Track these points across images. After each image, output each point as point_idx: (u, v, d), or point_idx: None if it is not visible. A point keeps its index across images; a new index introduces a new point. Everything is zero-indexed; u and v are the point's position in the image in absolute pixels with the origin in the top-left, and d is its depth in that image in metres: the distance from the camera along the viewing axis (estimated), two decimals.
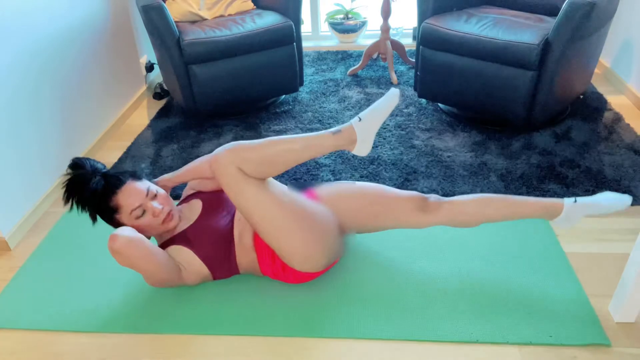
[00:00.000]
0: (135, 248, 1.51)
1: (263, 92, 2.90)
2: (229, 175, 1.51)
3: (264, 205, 1.53)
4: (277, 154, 1.53)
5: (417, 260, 1.86)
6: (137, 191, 1.64)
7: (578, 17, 2.24)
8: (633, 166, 2.31)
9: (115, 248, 1.49)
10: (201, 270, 1.70)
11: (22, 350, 1.61)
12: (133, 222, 1.65)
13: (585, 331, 1.55)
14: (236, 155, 1.50)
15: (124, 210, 1.63)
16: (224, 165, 1.50)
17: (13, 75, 2.08)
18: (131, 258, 1.52)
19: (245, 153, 1.51)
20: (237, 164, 1.50)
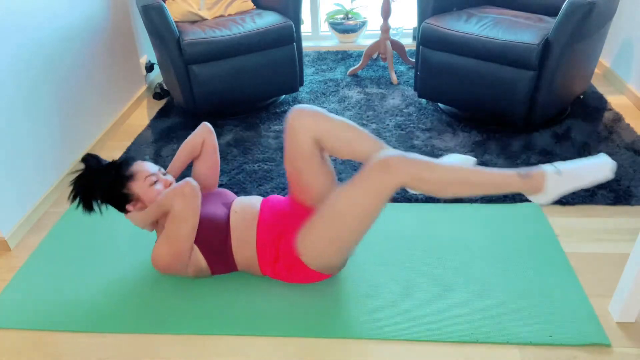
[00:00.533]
0: (198, 198, 1.62)
1: (263, 92, 2.90)
2: (388, 184, 1.43)
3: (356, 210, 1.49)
4: (454, 183, 1.43)
5: (417, 260, 1.86)
6: (149, 164, 1.76)
7: (578, 17, 2.24)
8: (633, 166, 2.31)
9: (186, 190, 1.59)
10: (199, 261, 1.71)
11: (22, 350, 1.61)
12: (147, 190, 1.70)
13: (585, 331, 1.55)
14: (412, 171, 1.41)
15: (140, 176, 1.70)
16: (395, 174, 1.41)
17: (13, 75, 2.08)
18: (193, 203, 1.60)
19: (422, 172, 1.41)
20: (409, 179, 1.42)
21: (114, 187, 1.69)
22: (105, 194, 1.69)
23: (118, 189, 1.69)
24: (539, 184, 1.44)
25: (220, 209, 1.77)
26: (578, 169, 1.45)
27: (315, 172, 1.67)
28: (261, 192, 2.28)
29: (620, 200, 2.10)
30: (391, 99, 3.05)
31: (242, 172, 2.42)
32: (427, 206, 2.14)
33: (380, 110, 2.93)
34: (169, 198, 1.62)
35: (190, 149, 1.90)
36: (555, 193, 1.46)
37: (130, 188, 1.70)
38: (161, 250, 1.66)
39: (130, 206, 1.72)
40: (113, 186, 1.69)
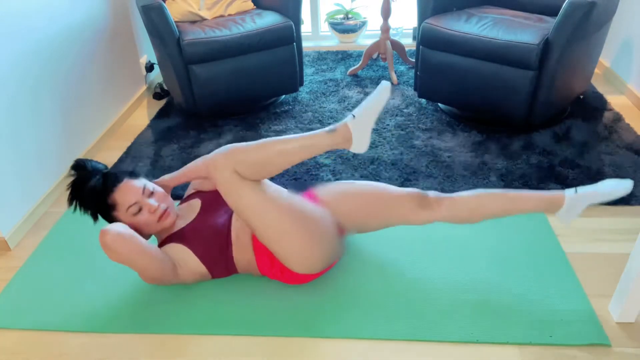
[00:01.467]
0: (125, 243, 1.52)
1: (263, 92, 2.90)
2: (225, 180, 1.51)
3: (261, 209, 1.53)
4: (272, 156, 1.52)
5: (417, 260, 1.86)
6: (133, 189, 1.68)
7: (578, 17, 2.24)
8: (633, 166, 2.31)
9: (105, 242, 1.50)
10: (198, 268, 1.70)
11: (23, 350, 1.61)
12: (131, 220, 1.68)
13: (585, 331, 1.55)
14: (231, 158, 1.50)
15: (121, 207, 1.66)
16: (220, 169, 1.50)
17: (13, 75, 2.08)
18: (121, 253, 1.52)
19: (240, 156, 1.50)
20: (233, 167, 1.50)
21: (101, 213, 1.70)
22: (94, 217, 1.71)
23: (104, 215, 1.70)
24: (347, 134, 1.54)
25: (221, 217, 1.76)
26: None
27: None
28: None
29: (620, 200, 2.10)
30: (391, 99, 3.05)
31: None
32: None
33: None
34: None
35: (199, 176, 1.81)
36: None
37: (115, 217, 1.69)
38: (142, 273, 1.62)
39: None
40: (99, 212, 1.70)
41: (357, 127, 1.55)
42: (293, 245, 1.57)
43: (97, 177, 1.67)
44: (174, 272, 1.66)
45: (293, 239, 1.56)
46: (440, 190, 2.22)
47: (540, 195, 1.65)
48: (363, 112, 1.55)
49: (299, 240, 1.57)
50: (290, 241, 1.56)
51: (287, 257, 1.60)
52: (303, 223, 1.57)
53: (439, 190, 2.21)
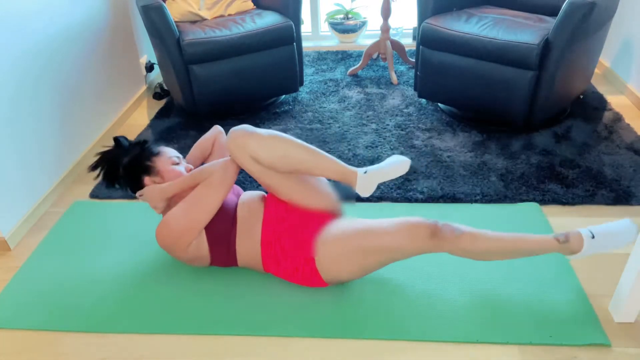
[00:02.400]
0: (235, 177, 1.71)
1: (263, 92, 2.90)
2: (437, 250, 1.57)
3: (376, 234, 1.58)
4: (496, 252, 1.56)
5: (417, 260, 1.86)
6: (174, 150, 1.86)
7: (578, 17, 2.24)
8: (633, 166, 2.31)
9: (230, 167, 1.67)
10: (201, 245, 1.71)
11: (22, 350, 1.61)
12: (168, 167, 1.78)
13: (585, 331, 1.55)
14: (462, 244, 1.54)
15: (165, 155, 1.80)
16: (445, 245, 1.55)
17: (13, 75, 2.08)
18: (229, 180, 1.68)
19: (467, 244, 1.54)
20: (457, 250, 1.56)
21: (139, 158, 1.78)
22: (129, 163, 1.78)
23: (142, 161, 1.78)
24: (577, 247, 1.55)
25: (230, 197, 1.80)
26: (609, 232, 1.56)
27: (282, 183, 1.69)
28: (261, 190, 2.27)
29: (620, 200, 2.10)
30: (391, 99, 3.05)
31: (242, 172, 2.42)
32: (427, 206, 2.14)
33: (380, 110, 2.93)
34: (211, 168, 1.68)
35: (202, 150, 1.97)
36: (589, 253, 1.56)
37: (154, 162, 1.78)
38: (178, 217, 1.66)
39: (148, 179, 1.78)
40: (138, 157, 1.78)
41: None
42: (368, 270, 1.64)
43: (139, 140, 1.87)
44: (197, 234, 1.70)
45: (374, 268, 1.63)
46: (440, 189, 2.22)
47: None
48: (604, 236, 1.54)
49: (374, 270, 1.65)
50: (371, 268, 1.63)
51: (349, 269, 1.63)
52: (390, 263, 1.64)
53: (438, 190, 2.21)
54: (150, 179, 1.78)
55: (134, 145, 1.84)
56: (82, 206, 2.26)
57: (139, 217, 2.17)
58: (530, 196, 2.15)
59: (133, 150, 1.82)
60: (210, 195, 1.66)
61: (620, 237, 1.54)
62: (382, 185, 2.26)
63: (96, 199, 2.33)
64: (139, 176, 1.78)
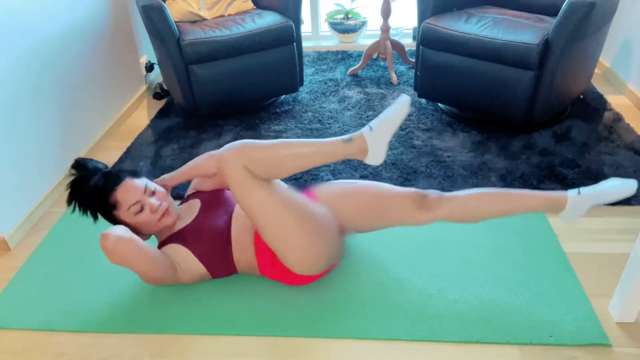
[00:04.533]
0: (125, 246, 1.52)
1: (263, 92, 2.90)
2: (236, 174, 1.50)
3: (268, 207, 1.53)
4: (286, 157, 1.51)
5: (417, 260, 1.86)
6: (135, 188, 1.67)
7: (578, 17, 2.24)
8: (633, 166, 2.31)
9: (106, 246, 1.51)
10: (197, 268, 1.70)
11: (22, 350, 1.61)
12: (132, 219, 1.68)
13: (585, 331, 1.55)
14: (245, 154, 1.49)
15: (122, 206, 1.66)
16: (232, 163, 1.49)
17: (13, 75, 2.08)
18: (122, 256, 1.53)
19: (253, 153, 1.49)
20: (245, 163, 1.48)
21: (102, 212, 1.70)
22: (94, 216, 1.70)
23: (104, 215, 1.70)
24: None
25: (221, 218, 1.75)
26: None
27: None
28: None
29: (620, 200, 2.10)
30: (391, 99, 3.05)
31: None
32: None
33: (380, 110, 2.93)
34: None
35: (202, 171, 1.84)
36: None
37: (116, 216, 1.69)
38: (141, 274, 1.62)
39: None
40: (100, 211, 1.69)
41: (374, 139, 1.52)
42: (296, 245, 1.57)
43: (98, 176, 1.67)
44: (174, 273, 1.66)
45: (297, 240, 1.56)
46: (440, 189, 2.22)
47: (542, 195, 1.64)
48: (381, 124, 1.52)
49: (303, 241, 1.56)
50: (293, 242, 1.56)
51: (290, 258, 1.59)
52: (308, 224, 1.57)
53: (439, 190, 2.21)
54: None
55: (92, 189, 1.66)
56: None
57: None
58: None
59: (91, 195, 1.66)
60: (139, 271, 1.59)
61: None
62: None
63: None
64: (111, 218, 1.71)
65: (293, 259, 1.60)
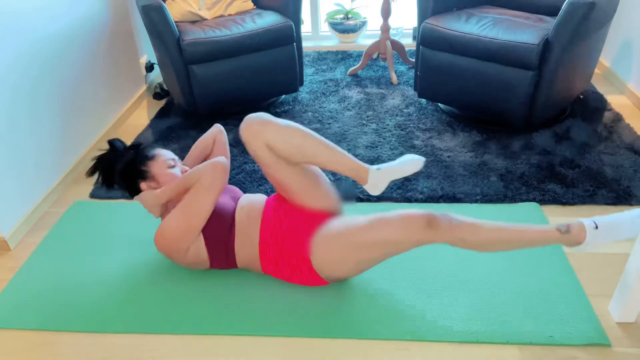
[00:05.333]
0: (227, 175, 1.70)
1: (263, 92, 2.90)
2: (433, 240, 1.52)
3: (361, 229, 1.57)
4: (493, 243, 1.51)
5: (417, 260, 1.86)
6: (170, 152, 1.85)
7: (578, 17, 2.24)
8: (633, 166, 2.31)
9: (219, 166, 1.66)
10: (200, 250, 1.71)
11: (22, 350, 1.61)
12: (163, 171, 1.76)
13: (585, 331, 1.55)
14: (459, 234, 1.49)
15: (160, 158, 1.78)
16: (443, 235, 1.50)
17: (13, 75, 2.08)
18: (220, 180, 1.66)
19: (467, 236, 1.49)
20: (455, 239, 1.50)
21: (134, 163, 1.76)
22: (124, 168, 1.76)
23: (137, 166, 1.76)
24: (579, 238, 1.48)
25: (228, 202, 1.79)
26: (615, 222, 1.48)
27: (290, 177, 1.67)
28: (261, 192, 2.28)
29: (620, 200, 2.10)
30: (391, 99, 3.05)
31: (242, 172, 2.42)
32: (427, 206, 2.14)
33: (380, 110, 2.93)
34: (200, 170, 1.67)
35: (202, 148, 1.96)
36: (594, 245, 1.49)
37: (149, 166, 1.76)
38: (173, 223, 1.67)
39: (144, 184, 1.76)
40: (133, 162, 1.76)
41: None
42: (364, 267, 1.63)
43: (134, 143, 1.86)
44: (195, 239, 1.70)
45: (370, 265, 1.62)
46: (440, 189, 2.22)
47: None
48: (608, 227, 1.47)
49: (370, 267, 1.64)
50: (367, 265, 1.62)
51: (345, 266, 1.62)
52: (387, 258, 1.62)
53: (438, 190, 2.21)
54: (146, 184, 1.77)
55: (129, 148, 1.83)
56: (82, 206, 2.26)
57: (139, 217, 2.17)
58: (530, 196, 2.15)
59: (127, 154, 1.79)
60: (202, 199, 1.65)
61: (626, 228, 1.47)
62: None
63: (96, 199, 2.33)
64: (134, 181, 1.77)
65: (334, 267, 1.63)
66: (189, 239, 1.68)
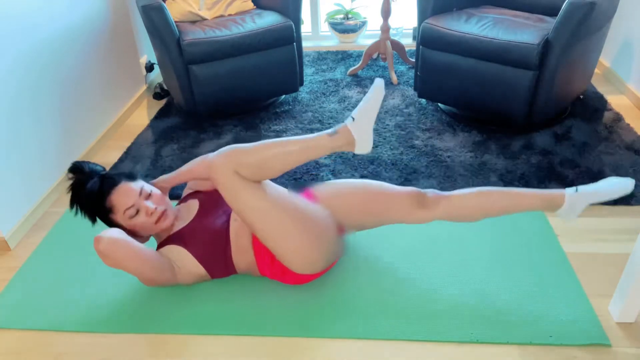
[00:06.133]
0: (119, 249, 1.51)
1: (263, 92, 2.90)
2: (226, 180, 1.50)
3: (261, 210, 1.53)
4: (274, 157, 1.51)
5: (417, 260, 1.86)
6: (130, 191, 1.67)
7: (578, 17, 2.24)
8: (633, 166, 2.31)
9: (100, 249, 1.50)
10: (197, 269, 1.70)
11: (22, 350, 1.61)
12: (128, 222, 1.68)
13: (585, 331, 1.55)
14: (232, 159, 1.49)
15: (118, 209, 1.66)
16: (221, 170, 1.49)
17: (13, 75, 2.08)
18: (116, 259, 1.52)
19: (241, 157, 1.49)
20: (234, 168, 1.48)
21: (99, 216, 1.70)
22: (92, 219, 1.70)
23: (102, 218, 1.70)
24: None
25: (220, 218, 1.75)
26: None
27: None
28: None
29: (620, 200, 2.10)
30: (391, 99, 3.05)
31: None
32: None
33: (380, 110, 2.93)
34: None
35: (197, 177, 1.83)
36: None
37: (112, 220, 1.69)
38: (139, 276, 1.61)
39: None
40: (97, 215, 1.69)
41: (358, 129, 1.53)
42: (294, 245, 1.56)
43: (94, 179, 1.67)
44: (172, 274, 1.66)
45: (294, 240, 1.56)
46: (440, 189, 2.22)
47: (540, 193, 1.64)
48: (361, 112, 1.54)
49: (300, 240, 1.56)
50: (290, 242, 1.56)
51: (288, 257, 1.59)
52: (304, 223, 1.57)
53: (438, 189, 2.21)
54: None
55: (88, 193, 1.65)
56: None
57: None
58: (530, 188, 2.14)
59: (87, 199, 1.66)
60: (134, 273, 1.58)
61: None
62: None
63: None
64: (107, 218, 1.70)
65: (290, 258, 1.60)
66: (164, 282, 1.66)
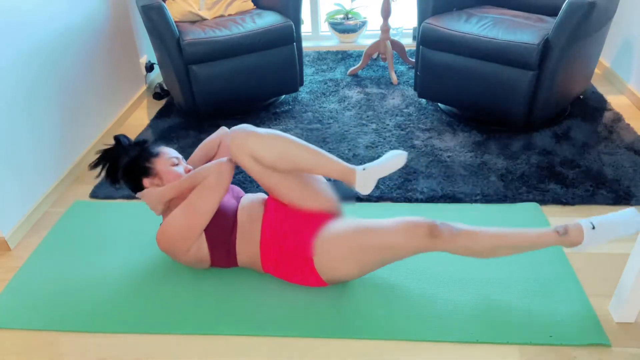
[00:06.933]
0: (231, 177, 1.68)
1: (263, 92, 2.90)
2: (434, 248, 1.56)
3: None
4: (493, 248, 1.54)
5: (417, 260, 1.86)
6: (174, 151, 1.85)
7: (578, 17, 2.24)
8: (633, 166, 2.31)
9: (223, 168, 1.66)
10: (200, 248, 1.71)
11: (22, 350, 1.61)
12: (167, 169, 1.77)
13: (585, 331, 1.55)
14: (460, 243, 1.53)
15: (164, 156, 1.79)
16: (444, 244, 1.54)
17: (12, 75, 2.08)
18: (225, 181, 1.66)
19: (468, 243, 1.53)
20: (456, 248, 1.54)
21: (138, 159, 1.77)
22: (128, 164, 1.76)
23: (141, 162, 1.76)
24: (577, 239, 1.51)
25: (230, 201, 1.79)
26: (611, 222, 1.50)
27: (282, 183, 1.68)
28: (261, 192, 2.28)
29: (620, 200, 2.10)
30: (391, 99, 3.05)
31: (242, 172, 2.42)
32: (426, 206, 2.14)
33: (380, 110, 2.93)
34: (206, 169, 1.68)
35: (207, 149, 1.96)
36: (592, 245, 1.52)
37: (153, 163, 1.77)
38: (176, 221, 1.66)
39: (147, 181, 1.77)
40: (138, 158, 1.77)
41: (590, 239, 1.51)
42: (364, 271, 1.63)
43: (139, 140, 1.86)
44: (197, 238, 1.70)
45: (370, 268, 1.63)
46: (440, 189, 2.22)
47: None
48: (605, 227, 1.50)
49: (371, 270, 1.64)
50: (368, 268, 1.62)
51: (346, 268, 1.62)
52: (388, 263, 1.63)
53: (438, 190, 2.21)
54: (149, 181, 1.77)
55: (134, 145, 1.83)
56: (82, 206, 2.26)
57: (139, 217, 2.17)
58: (530, 196, 2.15)
59: (133, 150, 1.80)
60: (206, 198, 1.65)
61: (623, 227, 1.49)
62: (382, 185, 2.26)
63: (96, 199, 2.33)
64: (137, 178, 1.77)
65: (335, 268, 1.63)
66: (192, 237, 1.68)
